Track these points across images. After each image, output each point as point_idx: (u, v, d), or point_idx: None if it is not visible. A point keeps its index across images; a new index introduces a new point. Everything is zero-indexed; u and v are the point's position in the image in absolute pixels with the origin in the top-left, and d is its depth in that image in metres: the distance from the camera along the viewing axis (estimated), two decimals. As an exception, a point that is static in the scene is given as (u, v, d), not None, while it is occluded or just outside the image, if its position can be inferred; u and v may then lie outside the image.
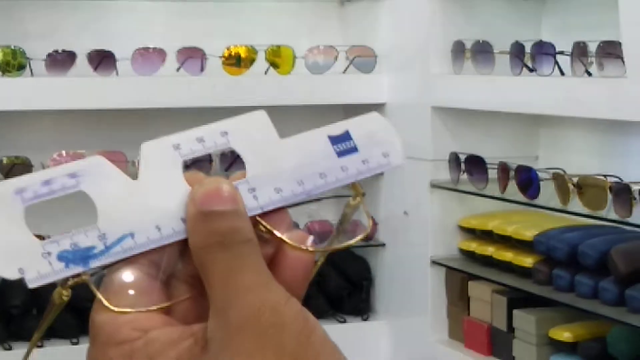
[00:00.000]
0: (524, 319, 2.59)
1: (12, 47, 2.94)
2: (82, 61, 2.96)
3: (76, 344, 2.90)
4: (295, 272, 0.53)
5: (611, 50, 2.39)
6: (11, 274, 0.52)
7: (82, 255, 0.52)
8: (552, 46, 2.63)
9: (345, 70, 3.15)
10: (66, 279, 0.53)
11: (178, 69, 3.04)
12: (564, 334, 2.47)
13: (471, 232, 2.89)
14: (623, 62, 2.28)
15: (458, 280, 2.90)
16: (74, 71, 2.96)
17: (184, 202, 0.53)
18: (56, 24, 3.12)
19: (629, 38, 2.22)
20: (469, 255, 2.89)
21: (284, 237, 0.54)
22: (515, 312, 2.63)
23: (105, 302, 0.52)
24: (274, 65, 3.10)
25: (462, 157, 2.82)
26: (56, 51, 2.96)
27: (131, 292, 0.52)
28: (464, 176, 2.84)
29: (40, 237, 0.54)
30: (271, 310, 0.49)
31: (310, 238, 0.54)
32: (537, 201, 2.61)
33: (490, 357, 2.76)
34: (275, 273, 0.52)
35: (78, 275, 0.52)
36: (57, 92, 2.87)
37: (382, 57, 3.15)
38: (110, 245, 0.52)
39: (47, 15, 3.12)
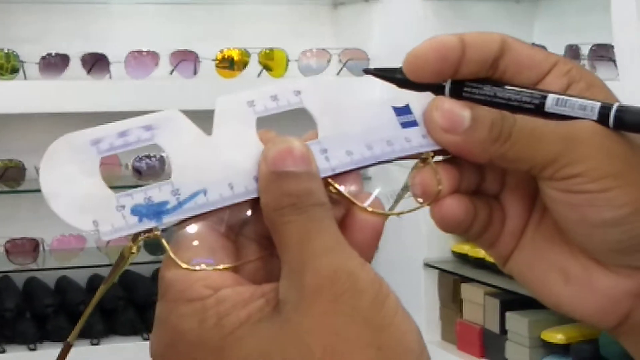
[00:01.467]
0: (517, 321, 2.60)
1: (6, 51, 2.94)
2: (75, 64, 2.96)
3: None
4: (365, 235, 0.53)
5: (603, 53, 2.40)
6: (86, 226, 0.51)
7: (156, 210, 0.51)
8: (544, 49, 2.64)
9: (338, 73, 3.16)
10: (137, 234, 0.51)
11: (171, 72, 3.04)
12: (557, 336, 2.48)
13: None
14: (615, 64, 2.29)
15: (451, 282, 2.90)
16: (67, 74, 2.96)
17: (257, 160, 0.52)
18: (49, 27, 3.12)
19: (621, 41, 2.23)
20: (461, 257, 2.89)
21: (355, 200, 0.53)
22: (508, 314, 2.63)
23: (177, 260, 0.51)
24: (267, 68, 3.11)
25: (455, 160, 2.82)
26: (49, 54, 2.96)
27: (201, 250, 0.51)
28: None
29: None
30: (347, 275, 0.49)
31: (381, 201, 0.54)
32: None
33: None
34: (345, 235, 0.51)
35: (149, 230, 0.51)
36: (51, 95, 2.87)
37: (374, 59, 3.15)
38: (183, 201, 0.51)
39: (40, 18, 3.12)
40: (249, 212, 0.53)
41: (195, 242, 0.52)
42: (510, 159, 0.54)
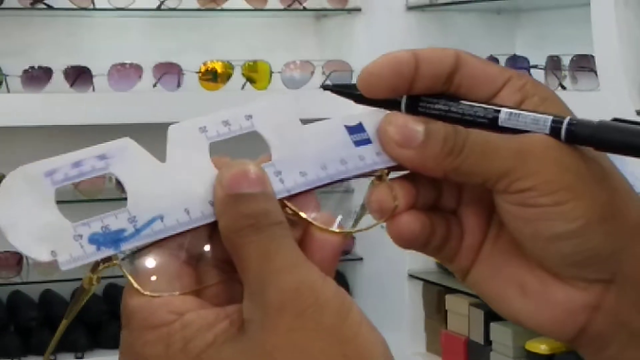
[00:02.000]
0: (501, 332, 2.60)
1: (-12, 64, 2.93)
2: (58, 77, 2.96)
3: None
4: (323, 254, 0.53)
5: (584, 64, 2.42)
6: (44, 256, 0.51)
7: (113, 237, 0.52)
8: (527, 60, 2.65)
9: (321, 85, 3.16)
10: (97, 264, 0.52)
11: (155, 85, 3.04)
12: (541, 347, 2.49)
13: (448, 245, 2.89)
14: (596, 75, 2.30)
15: (435, 293, 2.90)
16: (50, 87, 2.95)
17: (212, 185, 0.53)
18: (32, 40, 3.11)
19: (601, 52, 2.24)
20: (445, 268, 2.88)
21: (312, 220, 0.54)
22: (492, 324, 2.64)
23: (138, 287, 0.51)
24: (250, 80, 3.11)
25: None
26: (32, 67, 2.95)
27: (162, 276, 0.52)
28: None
29: None
30: (310, 290, 0.50)
31: (338, 220, 0.54)
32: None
33: (467, 370, 2.77)
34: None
35: (108, 259, 0.52)
36: (34, 109, 2.86)
37: (358, 71, 3.14)
38: (140, 227, 0.52)
39: (22, 31, 3.11)
40: (207, 238, 0.54)
41: (156, 269, 0.52)
42: (464, 172, 0.55)
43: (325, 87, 0.59)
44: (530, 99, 0.57)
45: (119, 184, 2.34)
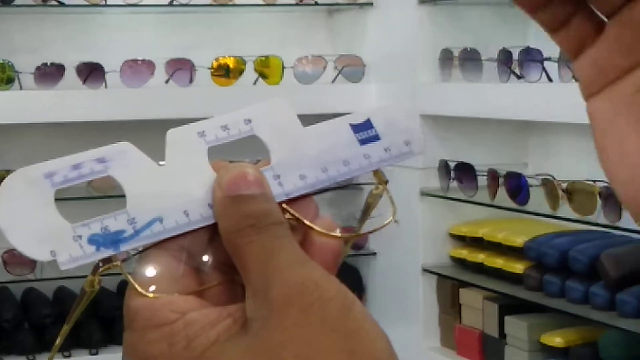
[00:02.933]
0: (516, 325, 2.60)
1: (1, 61, 2.94)
2: (70, 74, 2.96)
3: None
4: (324, 259, 0.53)
5: (598, 57, 2.40)
6: (43, 256, 0.52)
7: (113, 238, 0.52)
8: (540, 53, 2.64)
9: (334, 80, 3.16)
10: (97, 267, 0.53)
11: (167, 81, 3.04)
12: (556, 340, 2.48)
13: (462, 240, 2.89)
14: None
15: (449, 287, 2.90)
16: (62, 84, 2.96)
17: (210, 188, 0.53)
18: (45, 37, 3.12)
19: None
20: (459, 262, 2.89)
21: (311, 224, 0.54)
22: (507, 318, 2.63)
23: (139, 288, 0.52)
24: (262, 75, 3.11)
25: (452, 165, 2.82)
26: (45, 64, 2.96)
27: (163, 277, 0.52)
28: (454, 184, 2.84)
29: None
30: (315, 286, 0.50)
31: (338, 224, 0.54)
32: (527, 207, 2.62)
33: (482, 364, 2.77)
34: None
35: (109, 261, 0.52)
36: (46, 105, 2.86)
37: (370, 66, 3.15)
38: (140, 229, 0.53)
39: (35, 28, 3.12)
40: (207, 240, 0.54)
41: (157, 270, 0.53)
42: None
43: None
44: None
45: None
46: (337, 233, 0.54)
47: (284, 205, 0.54)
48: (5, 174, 2.95)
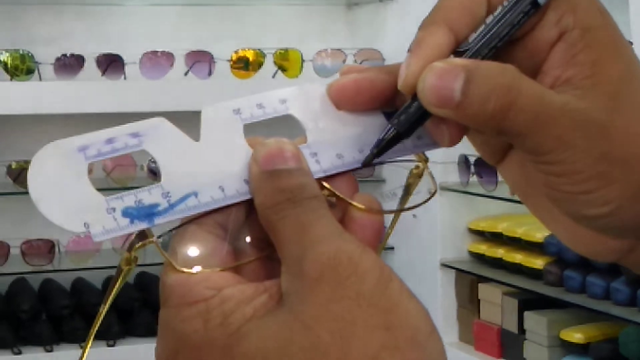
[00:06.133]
0: (535, 321, 2.59)
1: (21, 52, 2.94)
2: (90, 65, 2.97)
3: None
4: (364, 235, 0.52)
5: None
6: (77, 228, 0.51)
7: (147, 212, 0.51)
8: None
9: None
10: (133, 243, 0.52)
11: (186, 73, 3.04)
12: (576, 335, 2.47)
13: (481, 235, 2.88)
14: (633, 62, 2.27)
15: (468, 282, 2.89)
16: (82, 75, 2.96)
17: (246, 164, 0.52)
18: (65, 28, 3.12)
19: (639, 38, 2.22)
20: (478, 257, 2.88)
21: (350, 200, 0.53)
22: (526, 313, 2.62)
23: (175, 264, 0.51)
24: (282, 68, 3.10)
25: (472, 160, 2.81)
26: (65, 55, 2.96)
27: (199, 253, 0.51)
28: (474, 178, 2.83)
29: None
30: (348, 259, 0.49)
31: (378, 201, 0.53)
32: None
33: (501, 360, 2.76)
34: None
35: (144, 237, 0.51)
36: (66, 96, 2.87)
37: (389, 59, 3.14)
38: (174, 203, 0.52)
39: (55, 19, 3.12)
40: (243, 216, 0.53)
41: (193, 246, 0.52)
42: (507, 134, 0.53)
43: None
44: (569, 33, 0.53)
45: (151, 172, 2.37)
46: (378, 209, 0.53)
47: (323, 182, 0.53)
48: (24, 164, 2.97)
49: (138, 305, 2.97)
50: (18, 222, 3.05)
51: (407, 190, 0.56)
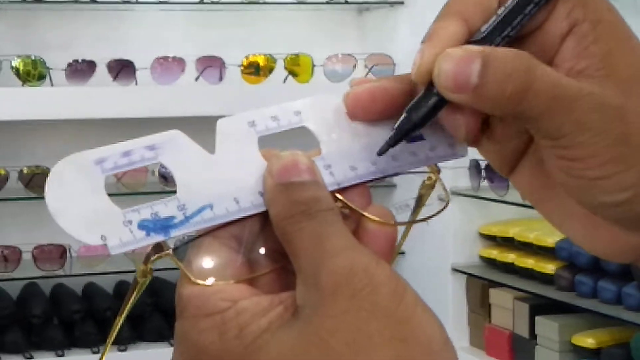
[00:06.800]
0: (547, 326, 2.58)
1: (33, 57, 2.95)
2: (101, 71, 2.97)
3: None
4: (378, 246, 0.52)
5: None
6: (94, 240, 0.52)
7: (163, 224, 0.52)
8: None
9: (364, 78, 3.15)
10: (149, 256, 0.52)
11: (197, 78, 3.04)
12: (587, 340, 2.46)
13: (492, 239, 2.88)
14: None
15: (479, 287, 2.89)
16: (93, 80, 2.97)
17: (261, 176, 0.53)
18: (76, 34, 3.13)
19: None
20: (490, 262, 2.88)
21: (364, 212, 0.53)
22: (538, 318, 2.62)
23: (191, 276, 0.51)
24: (292, 73, 3.11)
25: (483, 164, 2.81)
26: (76, 61, 2.97)
27: (215, 265, 0.52)
28: (485, 183, 2.83)
29: None
30: (364, 271, 0.49)
31: (390, 211, 0.54)
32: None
33: (512, 365, 2.75)
34: None
35: (160, 249, 0.52)
36: (77, 102, 2.87)
37: (400, 65, 3.14)
38: (190, 215, 0.52)
39: (67, 25, 3.13)
40: (258, 228, 0.54)
41: (208, 258, 0.52)
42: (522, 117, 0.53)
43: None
44: (579, 26, 0.53)
45: (162, 177, 2.37)
46: (391, 221, 0.53)
47: (336, 194, 0.53)
48: (36, 170, 2.99)
49: (149, 310, 2.98)
50: (30, 227, 3.06)
51: (419, 201, 0.57)
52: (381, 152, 0.54)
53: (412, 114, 0.53)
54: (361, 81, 0.55)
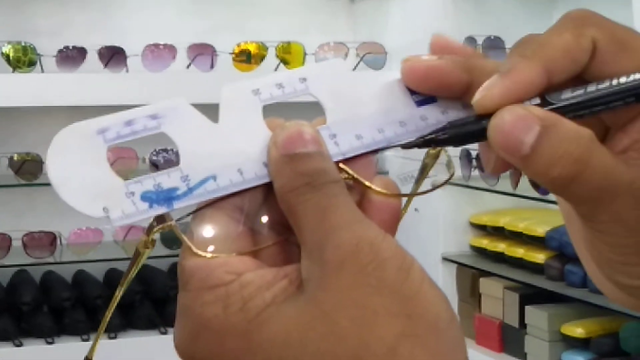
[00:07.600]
0: (536, 315, 2.59)
1: (23, 44, 2.94)
2: (92, 57, 2.96)
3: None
4: (382, 218, 0.51)
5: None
6: (96, 212, 0.50)
7: (166, 195, 0.51)
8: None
9: (355, 67, 3.14)
10: (151, 227, 0.51)
11: (188, 66, 3.04)
12: (577, 330, 2.47)
13: (482, 229, 2.88)
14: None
15: (469, 276, 2.89)
16: (84, 67, 2.96)
17: (265, 146, 0.52)
18: (67, 20, 3.12)
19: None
20: (480, 251, 2.88)
21: (369, 183, 0.52)
22: (527, 308, 2.62)
23: (195, 248, 0.50)
24: (284, 61, 3.10)
25: (474, 153, 2.81)
26: (67, 47, 2.96)
27: (219, 237, 0.51)
28: (476, 172, 2.83)
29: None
30: (369, 246, 0.48)
31: (396, 183, 0.53)
32: (549, 197, 2.60)
33: (501, 354, 2.75)
34: None
35: (163, 221, 0.51)
36: (68, 88, 2.87)
37: (392, 53, 3.14)
38: (193, 186, 0.51)
39: (57, 11, 3.12)
40: (262, 200, 0.53)
41: (212, 230, 0.51)
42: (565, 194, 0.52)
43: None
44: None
45: (153, 164, 2.36)
46: (396, 193, 0.52)
47: (341, 165, 0.52)
48: (26, 156, 2.98)
49: (139, 298, 2.97)
50: (20, 214, 3.05)
51: (424, 170, 0.55)
52: (405, 147, 0.53)
53: (452, 131, 0.52)
54: (421, 57, 0.54)
